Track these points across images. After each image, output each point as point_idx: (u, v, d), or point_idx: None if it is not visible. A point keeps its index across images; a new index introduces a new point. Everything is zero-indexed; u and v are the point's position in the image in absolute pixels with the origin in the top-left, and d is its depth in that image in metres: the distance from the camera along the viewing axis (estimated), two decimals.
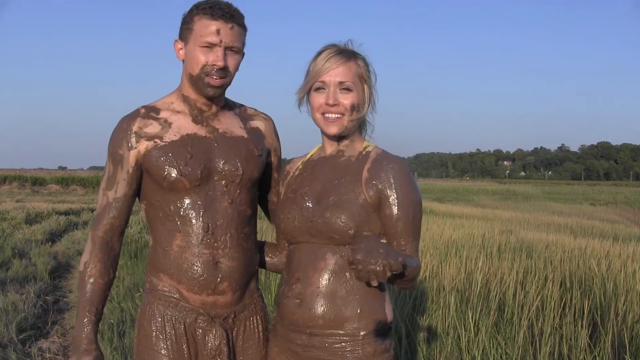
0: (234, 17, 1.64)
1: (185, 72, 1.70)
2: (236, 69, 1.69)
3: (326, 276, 1.61)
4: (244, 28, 1.68)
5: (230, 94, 1.80)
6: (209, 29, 1.61)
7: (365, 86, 1.67)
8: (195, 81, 1.66)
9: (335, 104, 1.63)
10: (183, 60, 1.70)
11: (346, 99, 1.63)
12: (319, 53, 1.66)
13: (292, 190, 1.73)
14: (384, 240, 1.61)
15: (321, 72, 1.63)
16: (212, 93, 1.67)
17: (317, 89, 1.65)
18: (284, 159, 1.93)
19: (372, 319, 1.61)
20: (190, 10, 1.66)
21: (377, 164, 1.63)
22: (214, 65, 1.62)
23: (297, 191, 1.70)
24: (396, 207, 1.59)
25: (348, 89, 1.63)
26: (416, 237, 1.63)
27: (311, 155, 1.79)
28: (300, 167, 1.78)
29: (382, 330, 1.63)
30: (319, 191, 1.66)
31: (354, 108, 1.64)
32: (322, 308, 1.60)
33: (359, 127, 1.72)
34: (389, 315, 1.65)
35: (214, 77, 1.64)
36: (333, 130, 1.65)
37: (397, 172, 1.61)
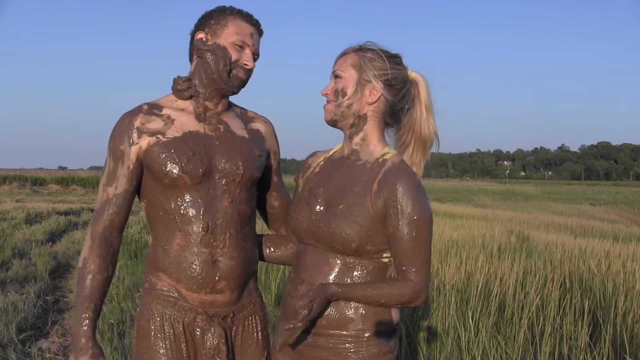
0: (261, 29, 1.72)
1: (202, 66, 1.70)
2: None
3: (330, 280, 1.60)
4: None
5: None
6: (246, 30, 1.68)
7: (357, 74, 1.62)
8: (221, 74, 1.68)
9: (326, 93, 1.66)
10: (199, 56, 1.69)
11: (333, 85, 1.65)
12: None
13: (308, 188, 1.71)
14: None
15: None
16: (237, 83, 1.69)
17: None
18: (283, 160, 1.93)
19: (377, 320, 1.59)
20: (223, 11, 1.69)
21: (386, 176, 1.57)
22: (246, 64, 1.68)
23: (313, 191, 1.68)
24: (398, 226, 1.53)
25: (337, 76, 1.65)
26: (418, 257, 1.56)
27: (333, 153, 1.77)
28: (321, 163, 1.77)
29: (387, 332, 1.61)
30: (331, 194, 1.63)
31: (337, 92, 1.64)
32: (326, 309, 1.58)
33: (381, 128, 1.67)
34: (395, 316, 1.63)
35: (242, 70, 1.68)
36: (325, 116, 1.67)
37: (404, 187, 1.54)
